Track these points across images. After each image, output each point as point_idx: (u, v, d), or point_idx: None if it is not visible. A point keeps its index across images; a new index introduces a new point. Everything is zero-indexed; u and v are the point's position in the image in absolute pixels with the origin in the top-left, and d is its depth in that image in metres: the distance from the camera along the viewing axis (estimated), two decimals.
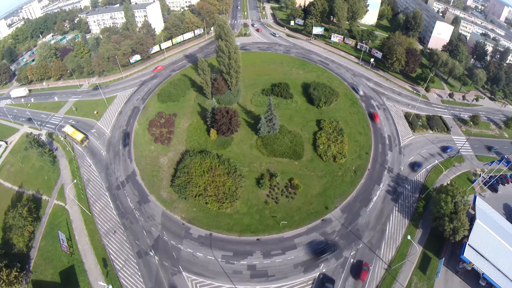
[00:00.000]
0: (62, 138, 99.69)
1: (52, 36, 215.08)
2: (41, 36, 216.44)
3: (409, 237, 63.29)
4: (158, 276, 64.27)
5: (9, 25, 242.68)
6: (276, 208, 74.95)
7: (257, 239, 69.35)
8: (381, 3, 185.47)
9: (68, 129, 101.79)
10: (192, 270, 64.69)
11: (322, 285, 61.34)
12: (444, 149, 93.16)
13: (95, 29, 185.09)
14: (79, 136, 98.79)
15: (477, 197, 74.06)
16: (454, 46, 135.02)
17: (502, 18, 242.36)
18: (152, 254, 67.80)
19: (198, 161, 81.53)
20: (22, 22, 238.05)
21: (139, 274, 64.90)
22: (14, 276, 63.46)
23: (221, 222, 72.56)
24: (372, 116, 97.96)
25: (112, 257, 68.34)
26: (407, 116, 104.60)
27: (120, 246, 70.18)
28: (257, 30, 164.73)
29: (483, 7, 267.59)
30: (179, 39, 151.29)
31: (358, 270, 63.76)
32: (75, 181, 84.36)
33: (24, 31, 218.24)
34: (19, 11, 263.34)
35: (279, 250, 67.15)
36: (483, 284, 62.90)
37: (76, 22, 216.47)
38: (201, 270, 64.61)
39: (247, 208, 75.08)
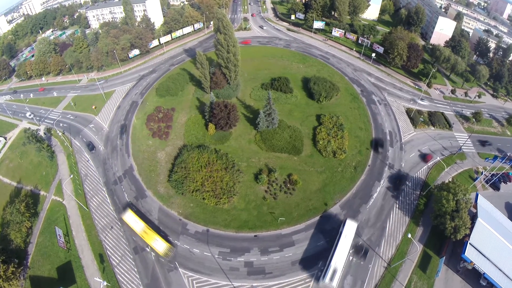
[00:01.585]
0: (60, 133, 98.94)
1: (52, 31, 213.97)
2: (40, 32, 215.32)
3: (409, 235, 62.31)
4: (154, 272, 63.68)
5: (9, 21, 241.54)
6: (274, 204, 74.03)
7: (255, 236, 68.47)
8: None
9: (136, 225, 68.65)
10: (189, 267, 64.03)
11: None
12: (483, 143, 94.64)
13: (95, 24, 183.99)
14: (159, 244, 65.03)
15: (479, 195, 72.70)
16: (456, 42, 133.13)
17: (505, 15, 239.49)
18: (148, 250, 67.06)
19: (196, 156, 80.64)
20: (22, 18, 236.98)
21: (136, 270, 64.39)
22: (12, 272, 63.17)
23: (218, 218, 71.75)
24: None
25: (108, 252, 67.86)
26: (408, 112, 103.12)
27: (117, 241, 69.65)
28: (252, 15, 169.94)
29: (486, 4, 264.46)
30: (178, 33, 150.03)
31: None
32: (71, 176, 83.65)
33: (24, 27, 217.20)
34: (19, 7, 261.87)
35: (277, 247, 66.30)
36: (484, 284, 61.79)
37: (75, 17, 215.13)
38: (198, 267, 63.93)
39: (244, 204, 74.19)
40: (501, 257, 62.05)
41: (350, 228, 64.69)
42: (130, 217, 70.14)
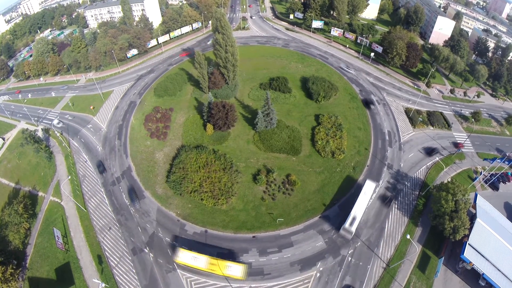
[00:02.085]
0: (58, 134, 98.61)
1: (50, 31, 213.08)
2: (39, 32, 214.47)
3: (408, 236, 62.27)
4: (152, 273, 63.50)
5: (8, 21, 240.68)
6: (273, 205, 73.86)
7: (253, 237, 68.32)
8: None
9: (197, 262, 61.05)
10: (187, 268, 63.56)
11: None
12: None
13: (93, 24, 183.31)
14: (235, 270, 59.58)
15: (478, 195, 72.57)
16: (455, 41, 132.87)
17: (504, 15, 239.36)
18: (147, 251, 66.91)
19: (194, 157, 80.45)
20: (21, 18, 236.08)
21: (134, 271, 64.21)
22: (10, 273, 63.17)
23: (217, 218, 71.57)
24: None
25: (107, 254, 67.69)
26: (407, 111, 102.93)
27: (115, 243, 69.45)
28: (249, 6, 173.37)
29: (484, 4, 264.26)
30: (176, 33, 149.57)
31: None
32: (69, 177, 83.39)
33: (22, 27, 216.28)
34: (18, 6, 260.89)
35: (275, 248, 66.16)
36: (483, 284, 61.72)
37: (74, 17, 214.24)
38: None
39: (243, 204, 74.02)
40: (500, 257, 61.96)
41: (369, 187, 72.41)
42: (185, 256, 61.67)
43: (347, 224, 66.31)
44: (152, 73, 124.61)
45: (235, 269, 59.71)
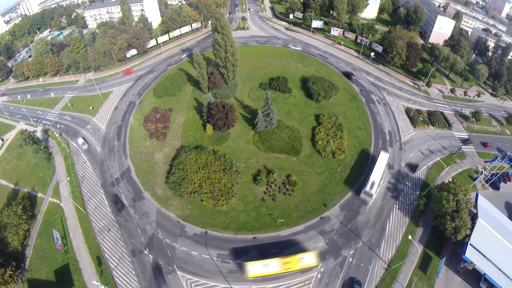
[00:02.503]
0: (57, 135, 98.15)
1: (49, 31, 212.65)
2: (38, 32, 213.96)
3: (409, 237, 61.86)
4: (152, 275, 62.96)
5: (7, 22, 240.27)
6: (273, 206, 73.45)
7: (254, 238, 67.92)
8: None
9: (270, 268, 58.69)
10: (187, 269, 63.48)
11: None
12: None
13: (92, 24, 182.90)
14: (308, 259, 59.94)
15: (479, 195, 72.29)
16: (455, 41, 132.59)
17: (504, 14, 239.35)
18: (146, 252, 66.53)
19: (194, 157, 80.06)
20: (20, 18, 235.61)
21: (133, 273, 63.77)
22: (9, 275, 62.82)
23: (217, 219, 71.15)
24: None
25: (106, 255, 67.29)
26: (408, 111, 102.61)
27: (115, 244, 69.03)
28: (249, 9, 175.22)
29: (484, 3, 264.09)
30: (176, 33, 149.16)
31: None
32: (68, 178, 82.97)
33: (22, 27, 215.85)
34: (17, 7, 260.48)
35: (276, 249, 65.68)
36: (484, 287, 61.28)
37: (73, 17, 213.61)
38: (196, 269, 63.37)
39: (243, 205, 73.61)
40: (501, 257, 61.70)
41: (383, 157, 79.21)
42: (255, 268, 58.74)
43: (367, 188, 72.37)
44: (151, 74, 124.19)
45: (308, 258, 60.37)
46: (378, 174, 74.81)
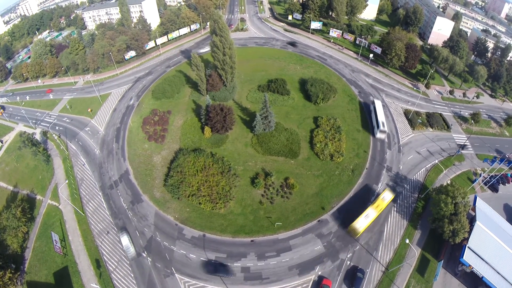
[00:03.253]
0: (56, 137, 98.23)
1: (48, 32, 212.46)
2: (37, 33, 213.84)
3: (407, 241, 61.88)
4: (151, 278, 63.21)
5: (6, 22, 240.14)
6: (271, 209, 73.50)
7: (251, 241, 67.95)
8: None
9: (370, 217, 67.90)
10: (185, 272, 63.57)
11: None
12: None
13: (91, 25, 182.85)
14: (387, 196, 71.80)
15: (477, 197, 72.35)
16: (454, 42, 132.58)
17: (503, 15, 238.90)
18: (145, 255, 66.63)
19: (192, 160, 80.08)
20: (19, 19, 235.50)
21: (132, 275, 63.88)
22: (9, 278, 63.08)
23: (215, 223, 71.19)
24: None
25: (105, 258, 67.45)
26: (406, 113, 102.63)
27: (113, 247, 69.10)
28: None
29: (483, 3, 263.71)
30: (175, 34, 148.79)
31: None
32: (67, 181, 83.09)
33: (21, 28, 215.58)
34: (16, 7, 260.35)
35: (273, 252, 65.82)
36: None
37: (72, 18, 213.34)
38: (194, 272, 63.42)
39: (241, 208, 73.63)
40: (499, 260, 61.77)
41: (378, 104, 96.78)
42: (361, 223, 66.31)
43: (381, 127, 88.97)
44: (150, 75, 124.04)
45: (387, 195, 71.97)
46: (382, 116, 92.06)
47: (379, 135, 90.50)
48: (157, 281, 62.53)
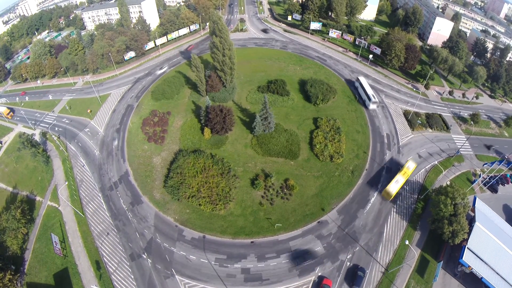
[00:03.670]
0: (55, 138, 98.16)
1: (48, 33, 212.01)
2: (36, 33, 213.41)
3: (407, 242, 62.00)
4: (151, 279, 63.28)
5: (5, 22, 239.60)
6: (271, 210, 73.58)
7: (251, 242, 68.06)
8: None
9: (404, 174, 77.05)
10: (185, 274, 63.70)
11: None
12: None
13: (90, 26, 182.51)
14: (411, 165, 79.53)
15: (477, 198, 72.53)
16: (454, 42, 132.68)
17: (502, 15, 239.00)
18: (145, 256, 66.69)
19: (192, 161, 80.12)
20: (18, 19, 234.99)
21: (132, 277, 63.97)
22: (9, 279, 63.15)
23: (215, 224, 71.27)
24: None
25: (105, 259, 67.51)
26: (406, 114, 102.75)
27: (113, 248, 69.23)
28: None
29: (482, 4, 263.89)
30: (174, 35, 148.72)
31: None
32: (66, 183, 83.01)
33: (20, 28, 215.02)
34: (16, 8, 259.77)
35: (273, 253, 65.94)
36: None
37: (71, 18, 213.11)
38: (194, 274, 63.58)
39: (241, 209, 73.70)
40: (499, 261, 61.99)
41: (363, 80, 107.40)
42: (393, 187, 73.93)
43: (372, 99, 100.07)
44: (149, 76, 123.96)
45: (411, 164, 79.39)
46: (370, 89, 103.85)
47: (372, 106, 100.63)
48: (157, 283, 62.61)
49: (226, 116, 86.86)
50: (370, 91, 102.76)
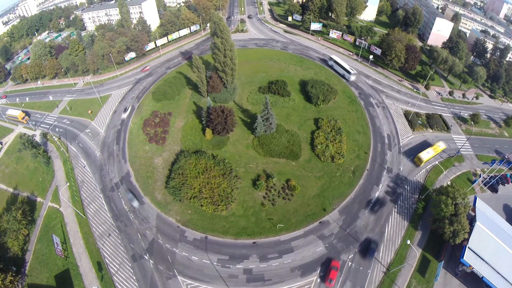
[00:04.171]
0: (56, 139, 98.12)
1: (48, 33, 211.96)
2: (36, 34, 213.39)
3: (408, 242, 62.09)
4: (153, 280, 63.32)
5: (5, 23, 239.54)
6: (273, 210, 73.69)
7: (253, 242, 68.17)
8: None
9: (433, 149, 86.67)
10: (187, 274, 63.74)
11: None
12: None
13: (90, 26, 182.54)
14: (441, 145, 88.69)
15: (477, 198, 72.78)
16: (454, 43, 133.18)
17: (502, 15, 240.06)
18: (147, 257, 66.73)
19: (193, 162, 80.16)
20: (18, 20, 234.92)
21: (134, 278, 63.98)
22: (10, 281, 63.12)
23: (217, 225, 71.33)
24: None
25: (106, 260, 67.48)
26: (406, 114, 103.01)
27: (115, 249, 69.22)
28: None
29: (482, 4, 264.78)
30: (174, 35, 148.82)
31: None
32: (67, 184, 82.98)
33: (20, 29, 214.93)
34: (15, 8, 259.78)
35: (275, 254, 66.10)
36: None
37: (71, 19, 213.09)
38: (197, 274, 63.65)
39: (243, 210, 73.78)
40: (499, 260, 62.27)
41: (336, 57, 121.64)
42: (425, 155, 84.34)
43: (351, 71, 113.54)
44: (150, 77, 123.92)
45: (441, 145, 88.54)
46: (345, 64, 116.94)
47: (352, 77, 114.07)
48: (159, 283, 62.67)
49: (228, 116, 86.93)
50: (346, 65, 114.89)
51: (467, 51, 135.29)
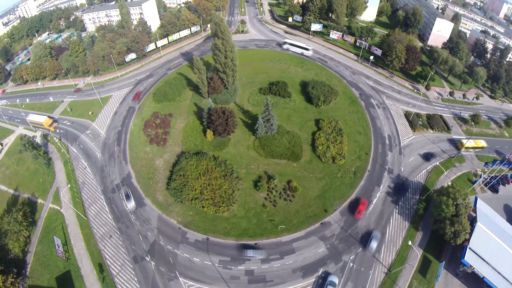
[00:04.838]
0: (56, 140, 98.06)
1: (48, 34, 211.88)
2: (36, 35, 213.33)
3: (409, 243, 62.19)
4: (154, 281, 63.31)
5: (5, 24, 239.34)
6: (274, 212, 73.75)
7: (255, 244, 68.20)
8: None
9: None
10: (189, 276, 63.78)
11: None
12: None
13: (91, 27, 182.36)
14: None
15: (478, 198, 72.92)
16: (454, 43, 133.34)
17: (501, 15, 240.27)
18: (148, 259, 66.73)
19: (194, 163, 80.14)
20: (18, 21, 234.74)
21: (136, 279, 63.97)
22: (11, 282, 62.95)
23: (218, 226, 71.36)
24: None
25: (108, 262, 67.42)
26: (407, 115, 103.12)
27: (116, 251, 69.17)
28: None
29: (482, 4, 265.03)
30: (175, 36, 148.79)
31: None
32: (69, 185, 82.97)
33: (20, 30, 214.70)
34: (16, 9, 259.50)
35: (277, 255, 66.17)
36: None
37: (71, 20, 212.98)
38: (198, 276, 63.69)
39: (244, 211, 73.85)
40: (500, 260, 62.46)
41: (289, 40, 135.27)
42: (468, 142, 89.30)
43: (308, 47, 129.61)
44: (151, 78, 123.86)
45: (483, 142, 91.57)
46: (300, 43, 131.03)
47: (310, 52, 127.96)
48: (161, 285, 62.68)
49: (229, 118, 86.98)
50: (301, 44, 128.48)
51: (467, 52, 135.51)
